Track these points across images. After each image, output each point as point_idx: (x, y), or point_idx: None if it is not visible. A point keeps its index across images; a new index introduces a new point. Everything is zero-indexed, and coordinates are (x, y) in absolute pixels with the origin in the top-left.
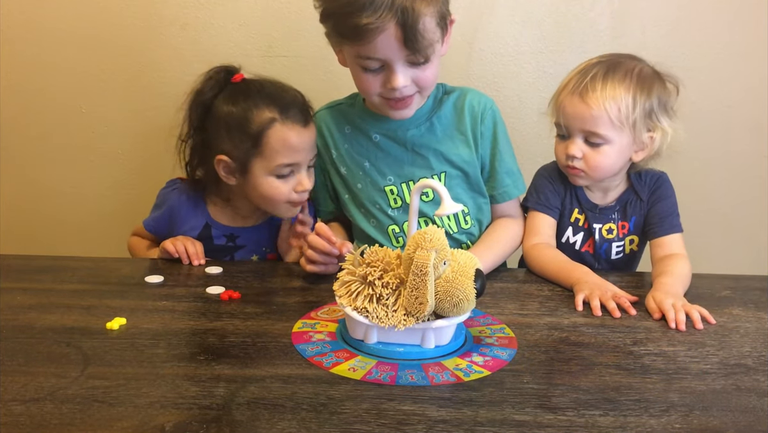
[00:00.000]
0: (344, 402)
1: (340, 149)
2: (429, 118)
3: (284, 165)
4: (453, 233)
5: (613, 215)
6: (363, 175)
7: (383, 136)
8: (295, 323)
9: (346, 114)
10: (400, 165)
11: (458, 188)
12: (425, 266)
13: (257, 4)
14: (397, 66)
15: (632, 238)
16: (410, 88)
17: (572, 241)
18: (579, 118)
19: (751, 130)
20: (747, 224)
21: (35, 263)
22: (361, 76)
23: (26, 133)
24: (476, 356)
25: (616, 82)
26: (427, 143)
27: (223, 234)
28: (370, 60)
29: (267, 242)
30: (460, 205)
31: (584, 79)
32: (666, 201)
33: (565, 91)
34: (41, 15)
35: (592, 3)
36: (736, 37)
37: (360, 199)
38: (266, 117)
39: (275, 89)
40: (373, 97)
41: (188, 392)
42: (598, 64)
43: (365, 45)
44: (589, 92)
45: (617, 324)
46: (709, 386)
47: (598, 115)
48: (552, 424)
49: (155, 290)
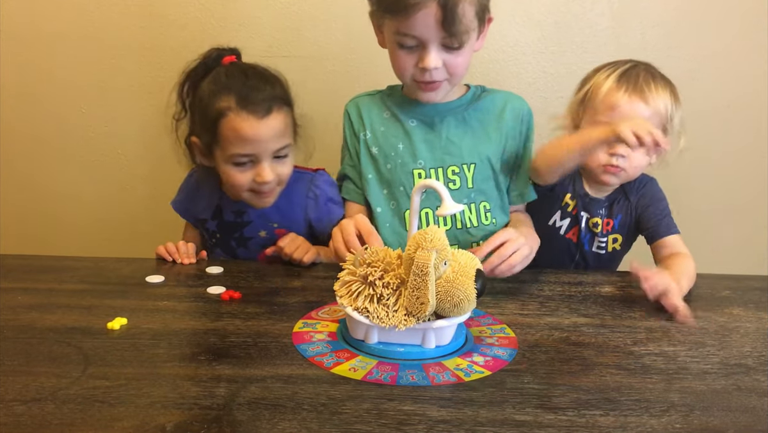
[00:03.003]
0: (345, 402)
1: (375, 131)
2: (466, 109)
3: (239, 155)
4: (473, 227)
5: (601, 210)
6: (394, 156)
7: (420, 121)
8: (296, 323)
9: (384, 100)
10: (432, 151)
11: (486, 183)
12: (426, 266)
13: (257, 4)
14: (432, 46)
15: (616, 236)
16: (441, 72)
17: (558, 225)
18: (635, 116)
19: (751, 130)
20: (747, 224)
21: (36, 263)
22: (397, 53)
23: (26, 133)
24: (477, 356)
25: (662, 85)
26: (461, 133)
27: (231, 210)
28: (407, 37)
29: (276, 217)
30: (461, 205)
31: (636, 79)
32: (660, 204)
33: (616, 92)
34: (41, 15)
35: (592, 3)
36: (736, 37)
37: (386, 179)
38: (223, 105)
39: (245, 77)
40: (405, 77)
41: (189, 392)
42: (633, 66)
43: (405, 20)
44: (645, 92)
45: (617, 324)
46: (709, 386)
47: (653, 113)
48: (552, 424)
49: (156, 290)
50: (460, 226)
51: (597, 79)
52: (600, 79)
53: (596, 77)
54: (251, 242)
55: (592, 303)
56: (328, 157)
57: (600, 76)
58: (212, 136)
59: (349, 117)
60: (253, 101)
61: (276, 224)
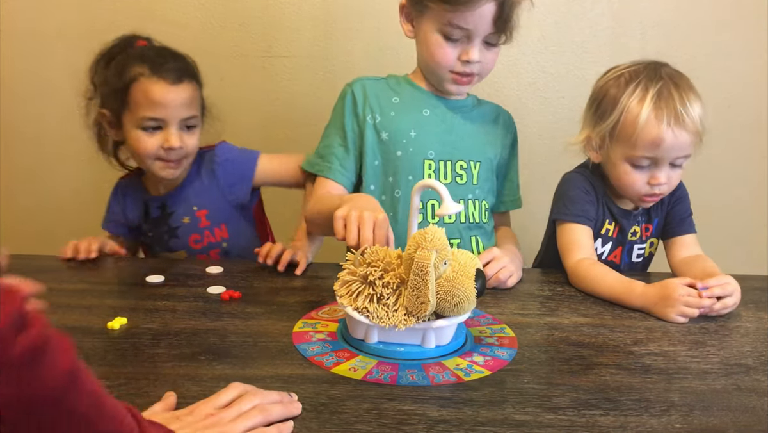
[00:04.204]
0: (345, 402)
1: (385, 116)
2: (471, 111)
3: (148, 118)
4: (475, 223)
5: (639, 218)
6: (406, 144)
7: (433, 112)
8: (296, 323)
9: (392, 86)
10: (443, 143)
11: (488, 183)
12: (426, 266)
13: (257, 4)
14: (477, 40)
15: (653, 241)
16: (477, 66)
17: (600, 251)
18: (682, 147)
19: (751, 130)
20: (747, 224)
21: (36, 262)
22: (439, 43)
23: (26, 133)
24: (477, 355)
25: (693, 98)
26: (469, 131)
27: (156, 206)
28: (457, 29)
29: (194, 200)
30: (461, 205)
31: (673, 105)
32: (686, 202)
33: (658, 124)
34: (41, 15)
35: (592, 3)
36: (735, 37)
37: (395, 165)
38: (135, 72)
39: (159, 52)
40: (442, 68)
41: (189, 392)
42: (662, 83)
43: (462, 12)
44: (685, 118)
45: (618, 324)
46: (709, 386)
47: (694, 135)
48: (552, 424)
49: (156, 290)
50: (463, 220)
51: (629, 104)
52: (633, 105)
53: (627, 102)
54: (179, 230)
55: (592, 303)
56: None
57: (631, 102)
58: (122, 102)
59: (353, 97)
60: (165, 69)
61: (195, 206)
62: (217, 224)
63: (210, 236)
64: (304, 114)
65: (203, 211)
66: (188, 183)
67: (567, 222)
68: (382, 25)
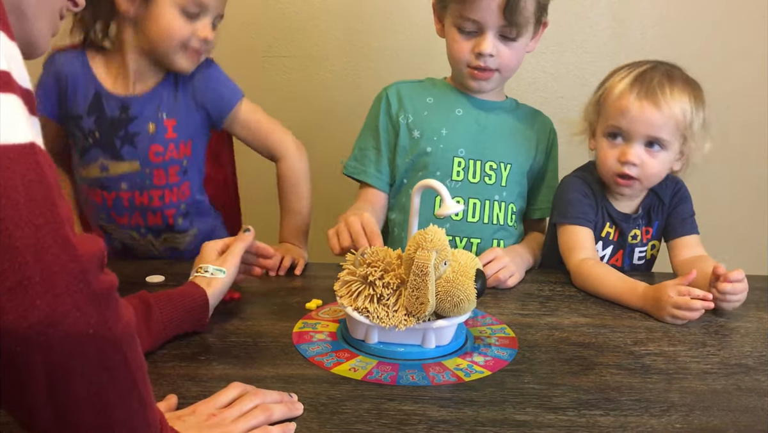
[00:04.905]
0: (345, 402)
1: (418, 115)
2: (508, 113)
3: (193, 3)
4: (500, 224)
5: (640, 221)
6: (437, 140)
7: (466, 112)
8: (296, 323)
9: (426, 88)
10: (474, 142)
11: (517, 187)
12: (426, 266)
13: (257, 4)
14: (489, 32)
15: (654, 243)
16: (494, 61)
17: (601, 255)
18: (647, 122)
19: (751, 130)
20: (747, 224)
21: None
22: (456, 37)
23: None
24: (477, 356)
25: (680, 89)
26: (503, 133)
27: (115, 105)
28: (467, 21)
29: (165, 106)
30: (461, 205)
31: (649, 83)
32: (688, 203)
33: (628, 95)
34: None
35: (592, 3)
36: (735, 37)
37: (424, 162)
38: None
39: None
40: (461, 63)
41: (189, 393)
42: (651, 68)
43: (469, 4)
44: (659, 96)
45: (618, 324)
46: (709, 386)
47: (667, 119)
48: (553, 424)
49: (156, 290)
50: (486, 221)
51: (612, 80)
52: (615, 81)
53: (612, 78)
54: (138, 137)
55: (592, 303)
56: (328, 157)
57: (615, 78)
58: None
59: (387, 100)
60: None
61: (165, 113)
62: (183, 138)
63: (174, 150)
64: (304, 114)
65: (171, 121)
66: (162, 88)
67: (567, 225)
68: (382, 25)
